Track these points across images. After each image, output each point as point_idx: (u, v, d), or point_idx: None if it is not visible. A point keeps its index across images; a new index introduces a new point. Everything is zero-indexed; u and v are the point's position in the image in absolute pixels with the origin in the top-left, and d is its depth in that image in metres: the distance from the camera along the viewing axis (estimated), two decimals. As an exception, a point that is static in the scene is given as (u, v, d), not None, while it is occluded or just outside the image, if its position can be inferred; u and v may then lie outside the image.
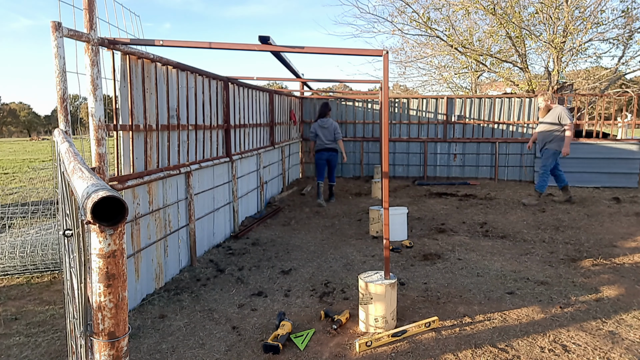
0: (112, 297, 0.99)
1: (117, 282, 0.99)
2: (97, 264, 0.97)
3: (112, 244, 0.96)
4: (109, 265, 0.97)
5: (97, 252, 0.96)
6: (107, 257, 0.96)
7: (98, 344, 1.01)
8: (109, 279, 0.97)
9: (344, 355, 2.87)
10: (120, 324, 1.01)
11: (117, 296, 0.99)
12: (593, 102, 11.09)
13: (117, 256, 0.98)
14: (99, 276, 0.97)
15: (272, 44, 3.48)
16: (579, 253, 4.91)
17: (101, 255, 0.96)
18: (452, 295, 3.77)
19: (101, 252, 0.96)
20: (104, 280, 0.97)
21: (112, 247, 0.97)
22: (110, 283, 0.98)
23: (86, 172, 1.24)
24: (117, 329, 1.01)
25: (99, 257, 0.96)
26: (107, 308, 0.99)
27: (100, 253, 0.96)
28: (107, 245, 0.96)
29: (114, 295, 0.99)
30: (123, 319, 1.02)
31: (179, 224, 4.46)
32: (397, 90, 19.25)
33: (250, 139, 6.86)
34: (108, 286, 0.98)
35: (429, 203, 7.76)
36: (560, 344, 2.94)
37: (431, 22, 11.73)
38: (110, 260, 0.97)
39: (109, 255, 0.97)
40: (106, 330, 1.00)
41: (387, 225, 3.26)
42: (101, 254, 0.96)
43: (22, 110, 70.07)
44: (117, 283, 0.99)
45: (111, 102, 3.49)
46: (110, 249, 0.96)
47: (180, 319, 3.41)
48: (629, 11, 10.44)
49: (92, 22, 3.07)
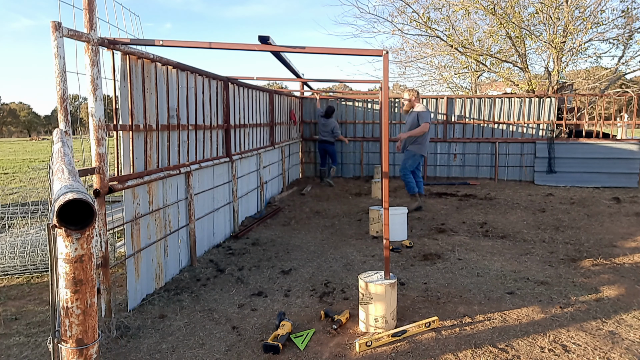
0: (80, 303, 0.94)
1: (84, 287, 0.94)
2: (63, 269, 0.92)
3: (79, 249, 0.92)
4: (76, 271, 0.92)
5: (63, 256, 0.92)
6: (75, 262, 0.92)
7: (66, 351, 0.97)
8: (76, 285, 0.93)
9: (344, 355, 2.87)
10: (88, 330, 0.97)
11: (85, 302, 0.95)
12: (593, 102, 11.08)
13: (85, 261, 0.93)
14: (66, 282, 0.93)
15: (272, 44, 3.48)
16: (579, 253, 4.91)
17: (68, 260, 0.92)
18: (452, 295, 3.76)
19: (67, 257, 0.92)
20: (71, 285, 0.93)
21: (79, 251, 0.92)
22: (77, 289, 0.93)
23: (66, 174, 1.20)
24: (85, 336, 0.96)
25: (66, 262, 0.92)
26: (74, 314, 0.94)
27: (66, 258, 0.92)
28: (74, 249, 0.91)
29: (82, 302, 0.95)
30: (92, 325, 0.98)
31: (179, 224, 4.46)
32: (397, 90, 19.25)
33: (250, 139, 6.85)
34: (75, 292, 0.93)
35: (429, 203, 7.76)
36: (560, 344, 2.94)
37: (431, 22, 11.73)
38: (77, 265, 0.92)
39: (76, 260, 0.92)
40: (74, 337, 0.96)
41: (387, 225, 3.26)
42: (67, 258, 0.92)
43: (22, 110, 70.04)
44: (84, 289, 0.95)
45: (111, 102, 3.49)
46: (77, 254, 0.92)
47: (180, 319, 3.41)
48: (629, 11, 10.44)
49: (92, 22, 3.07)
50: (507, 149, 10.17)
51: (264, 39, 3.47)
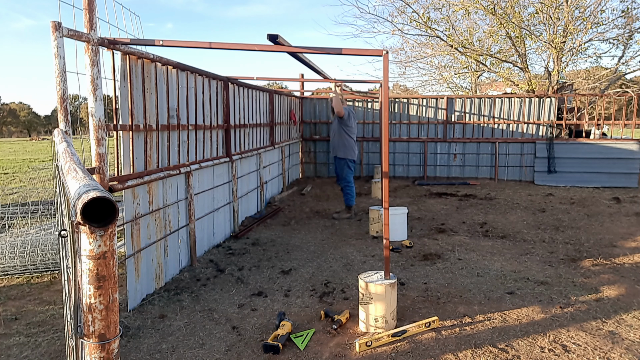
0: (103, 298, 0.97)
1: (107, 283, 0.97)
2: (87, 265, 0.95)
3: (103, 245, 0.94)
4: (99, 267, 0.95)
5: (87, 253, 0.94)
6: (98, 258, 0.95)
7: (88, 346, 0.99)
8: (99, 281, 0.96)
9: (344, 355, 2.87)
10: (111, 326, 0.99)
11: (107, 298, 0.97)
12: (593, 102, 11.08)
13: (108, 257, 0.96)
14: (89, 278, 0.95)
15: (283, 44, 3.46)
16: (579, 253, 4.91)
17: (91, 256, 0.94)
18: (452, 295, 3.77)
19: (91, 254, 0.94)
20: (95, 281, 0.95)
21: (103, 248, 0.95)
22: (100, 285, 0.96)
23: (80, 173, 1.22)
24: (107, 331, 0.99)
25: (89, 258, 0.94)
26: (97, 310, 0.97)
27: (90, 254, 0.94)
28: (98, 246, 0.94)
29: (105, 297, 0.97)
30: (114, 321, 1.00)
31: (179, 224, 4.46)
32: (397, 90, 19.25)
33: (250, 139, 6.85)
34: (98, 288, 0.96)
35: (429, 203, 7.76)
36: (560, 344, 2.94)
37: (431, 22, 11.73)
38: (100, 261, 0.95)
39: (100, 257, 0.95)
40: (97, 332, 0.98)
41: (387, 225, 3.26)
42: (91, 255, 0.94)
43: (22, 110, 70.03)
44: (107, 285, 0.97)
45: (111, 102, 3.49)
46: (100, 250, 0.95)
47: (180, 319, 3.41)
48: (629, 11, 10.45)
49: (92, 22, 3.07)
50: (507, 149, 10.17)
51: (273, 38, 3.45)
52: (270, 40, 3.46)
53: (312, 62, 5.89)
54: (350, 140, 6.63)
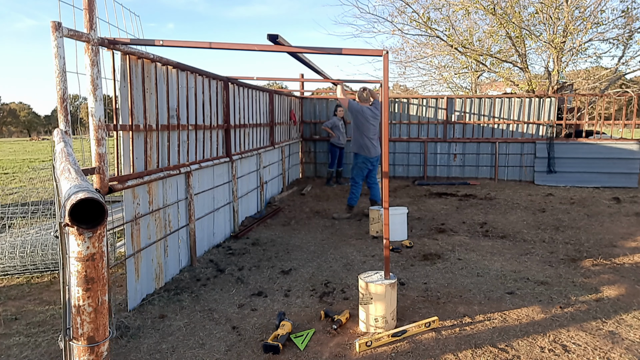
0: (92, 301, 0.95)
1: (96, 286, 0.96)
2: (75, 267, 0.94)
3: (91, 247, 0.93)
4: (87, 269, 0.94)
5: (75, 255, 0.93)
6: (86, 260, 0.93)
7: (77, 348, 0.98)
8: (87, 283, 0.94)
9: (344, 355, 2.87)
10: (100, 328, 0.98)
11: (96, 300, 0.96)
12: (593, 102, 11.08)
13: (97, 259, 0.95)
14: (78, 280, 0.94)
15: (283, 44, 3.46)
16: (579, 253, 4.91)
17: (79, 258, 0.93)
18: (452, 295, 3.77)
19: (80, 255, 0.93)
20: (83, 284, 0.94)
21: (91, 250, 0.93)
22: (89, 287, 0.94)
23: (73, 173, 1.21)
24: (96, 333, 0.97)
25: (78, 260, 0.93)
26: (86, 312, 0.95)
27: (78, 256, 0.93)
28: (86, 248, 0.93)
29: (94, 300, 0.96)
30: (103, 323, 0.99)
31: (179, 224, 4.46)
32: (397, 90, 19.25)
33: (250, 139, 6.85)
34: (87, 290, 0.94)
35: (429, 203, 7.76)
36: (560, 344, 2.94)
37: (431, 22, 11.73)
38: (89, 263, 0.94)
39: (88, 259, 0.93)
40: (85, 335, 0.97)
41: (387, 225, 3.26)
42: (80, 257, 0.93)
43: (22, 110, 70.03)
44: (96, 287, 0.96)
45: (111, 102, 3.49)
46: (89, 252, 0.93)
47: (180, 319, 3.41)
48: (629, 11, 10.44)
49: (92, 22, 3.07)
50: (507, 149, 10.17)
51: (273, 38, 3.45)
52: (270, 40, 3.47)
53: (312, 62, 5.88)
54: (362, 136, 6.41)
